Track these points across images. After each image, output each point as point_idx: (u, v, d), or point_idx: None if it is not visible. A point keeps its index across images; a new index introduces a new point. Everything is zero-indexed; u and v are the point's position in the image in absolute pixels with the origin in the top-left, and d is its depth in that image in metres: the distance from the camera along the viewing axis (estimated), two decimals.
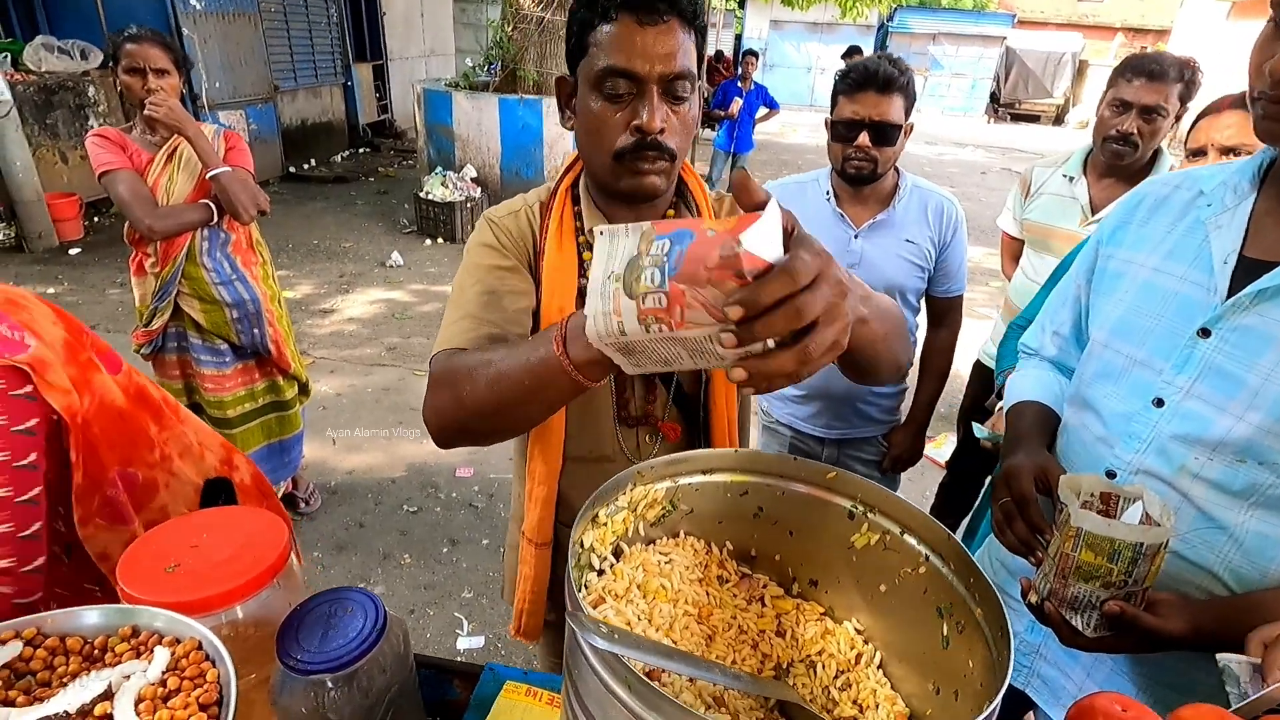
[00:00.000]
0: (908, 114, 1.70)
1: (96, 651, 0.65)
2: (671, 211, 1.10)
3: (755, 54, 7.91)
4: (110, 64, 2.11)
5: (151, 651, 0.65)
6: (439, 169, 6.90)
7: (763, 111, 7.54)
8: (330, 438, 3.57)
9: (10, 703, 0.59)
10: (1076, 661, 1.11)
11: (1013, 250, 2.31)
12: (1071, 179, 2.00)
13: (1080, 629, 0.90)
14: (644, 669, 0.58)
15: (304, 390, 2.78)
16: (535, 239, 1.08)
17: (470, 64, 7.75)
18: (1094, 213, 1.97)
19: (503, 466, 3.43)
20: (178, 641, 0.66)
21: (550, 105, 6.64)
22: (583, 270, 1.05)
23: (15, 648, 0.61)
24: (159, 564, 0.73)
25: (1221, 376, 0.91)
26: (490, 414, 0.80)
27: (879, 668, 0.68)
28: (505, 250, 1.05)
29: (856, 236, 1.79)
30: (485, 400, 0.80)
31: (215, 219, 2.29)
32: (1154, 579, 0.87)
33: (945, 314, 1.94)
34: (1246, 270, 0.91)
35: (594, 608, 0.64)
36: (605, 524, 0.67)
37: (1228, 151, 1.52)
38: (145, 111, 2.06)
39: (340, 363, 4.35)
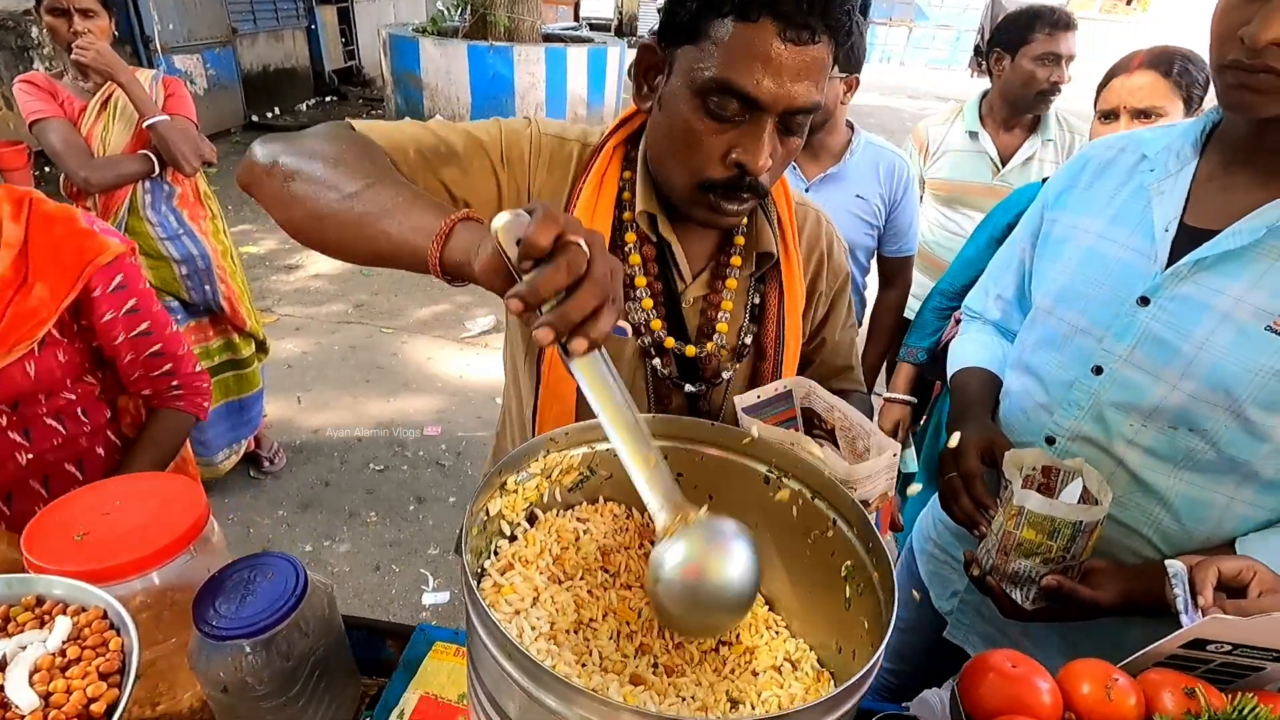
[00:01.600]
0: (852, 67, 1.67)
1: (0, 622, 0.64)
2: (745, 220, 0.95)
3: None
4: (36, 2, 1.98)
5: (51, 620, 0.64)
6: (407, 119, 6.70)
7: None
8: (296, 396, 3.53)
9: None
10: (1010, 619, 1.15)
11: None
12: (975, 134, 2.04)
13: (1020, 602, 0.94)
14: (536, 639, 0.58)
15: (262, 348, 2.73)
16: (565, 184, 0.92)
17: (441, 7, 7.44)
18: (1004, 164, 2.02)
19: (471, 425, 3.42)
20: (83, 610, 0.65)
21: (522, 52, 6.43)
22: (618, 255, 0.91)
23: None
24: (67, 532, 0.72)
25: (1158, 345, 0.92)
26: (328, 202, 0.67)
27: (786, 628, 0.70)
28: (517, 156, 0.89)
29: (807, 190, 1.80)
30: (335, 196, 0.67)
31: (157, 171, 2.20)
32: (1090, 552, 0.90)
33: (895, 274, 1.96)
34: (1187, 238, 0.90)
35: (502, 574, 0.64)
36: (515, 491, 0.67)
37: (1141, 114, 1.49)
38: (72, 56, 1.94)
39: (306, 320, 4.28)
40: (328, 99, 10.09)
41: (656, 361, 0.93)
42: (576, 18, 17.73)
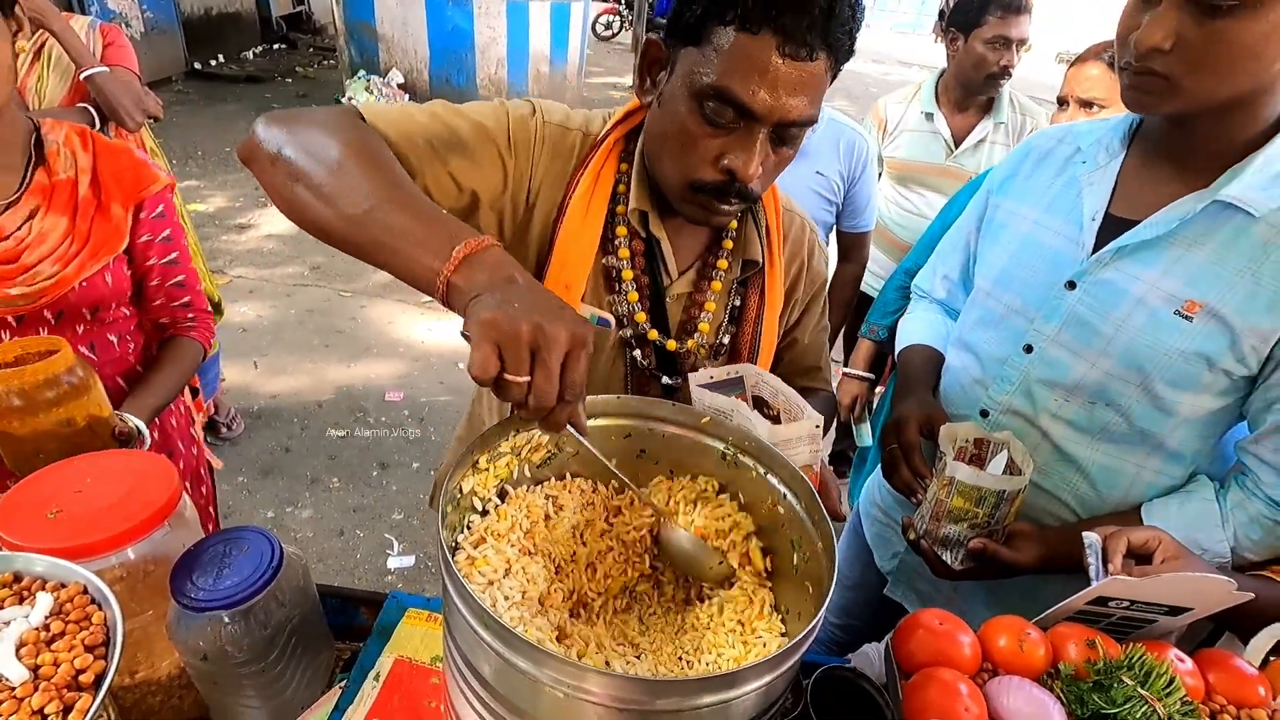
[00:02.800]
0: None
1: None
2: (734, 223, 0.98)
3: None
4: None
5: (34, 597, 0.66)
6: (362, 72, 6.46)
7: None
8: (252, 361, 3.47)
9: None
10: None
11: None
12: (930, 115, 2.09)
13: (950, 563, 1.02)
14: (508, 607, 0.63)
15: (217, 310, 2.67)
16: (565, 174, 0.92)
17: None
18: (957, 145, 2.08)
19: (434, 390, 3.42)
20: (62, 587, 0.67)
21: (483, 5, 6.22)
22: (608, 249, 0.93)
23: None
24: (40, 510, 0.73)
25: (1082, 326, 0.99)
26: (323, 210, 0.67)
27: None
28: (522, 143, 0.89)
29: None
30: (341, 193, 0.67)
31: (97, 125, 2.10)
32: (1014, 517, 0.99)
33: (852, 249, 2.01)
34: (1112, 227, 0.97)
35: (475, 547, 0.68)
36: (487, 469, 0.71)
37: (1086, 105, 1.57)
38: None
39: (260, 282, 4.17)
40: (275, 46, 9.63)
41: (637, 353, 0.97)
42: None
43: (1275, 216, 0.86)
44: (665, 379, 0.99)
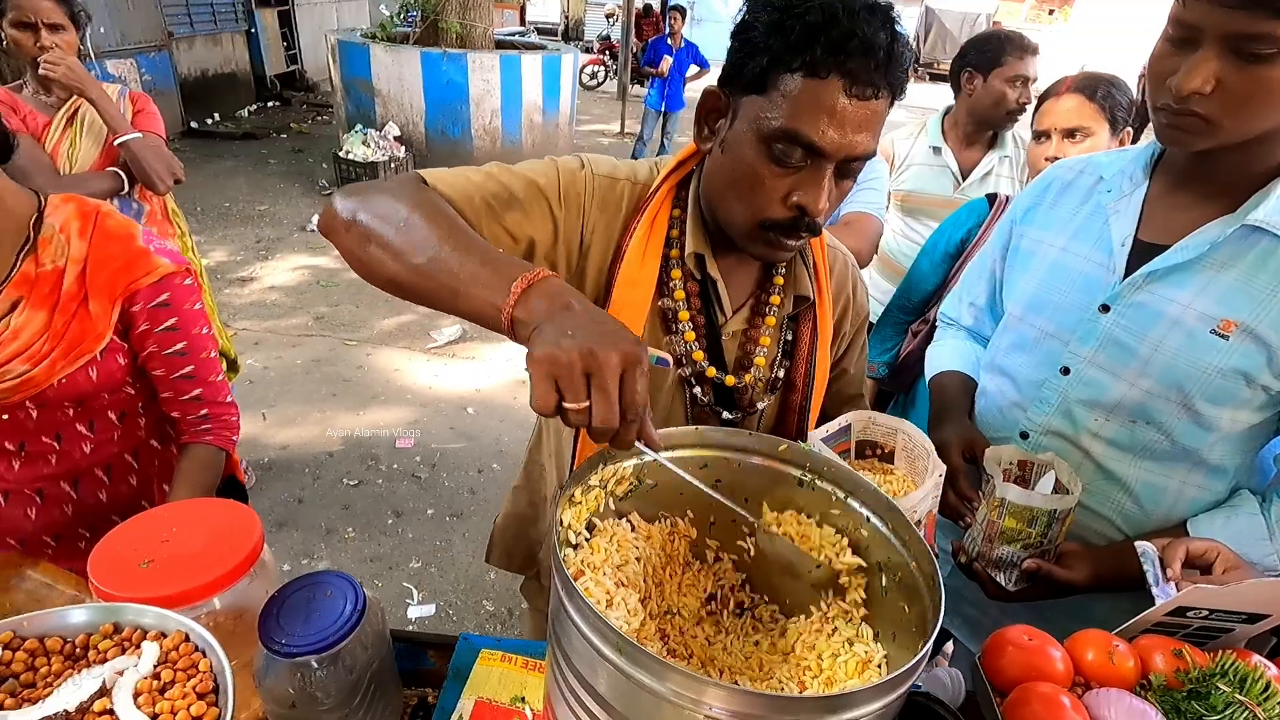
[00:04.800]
0: None
1: (79, 650, 0.66)
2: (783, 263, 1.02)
3: (682, 10, 7.82)
4: None
5: (137, 647, 0.66)
6: (359, 127, 6.58)
7: (693, 70, 7.50)
8: (260, 413, 3.45)
9: None
10: (991, 601, 1.26)
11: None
12: (938, 149, 2.18)
13: (1004, 584, 1.04)
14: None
15: (233, 367, 2.68)
16: (616, 223, 0.96)
17: (386, 12, 7.33)
18: (964, 178, 2.16)
19: (444, 435, 3.42)
20: (163, 636, 0.67)
21: (476, 60, 6.40)
22: (663, 291, 0.97)
23: None
24: (132, 560, 0.74)
25: (1119, 348, 1.03)
26: (396, 267, 0.73)
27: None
28: (570, 200, 0.94)
29: None
30: (411, 248, 0.73)
31: (126, 188, 2.14)
32: (1064, 536, 1.00)
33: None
34: (1141, 252, 1.02)
35: (575, 580, 0.69)
36: (580, 502, 0.72)
37: (1070, 134, 1.64)
38: (40, 71, 1.89)
39: (265, 334, 4.18)
40: (270, 104, 9.82)
41: (697, 390, 1.00)
42: (522, 22, 17.65)
43: None
44: (725, 414, 1.01)
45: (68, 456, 1.15)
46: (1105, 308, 1.05)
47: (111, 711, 0.58)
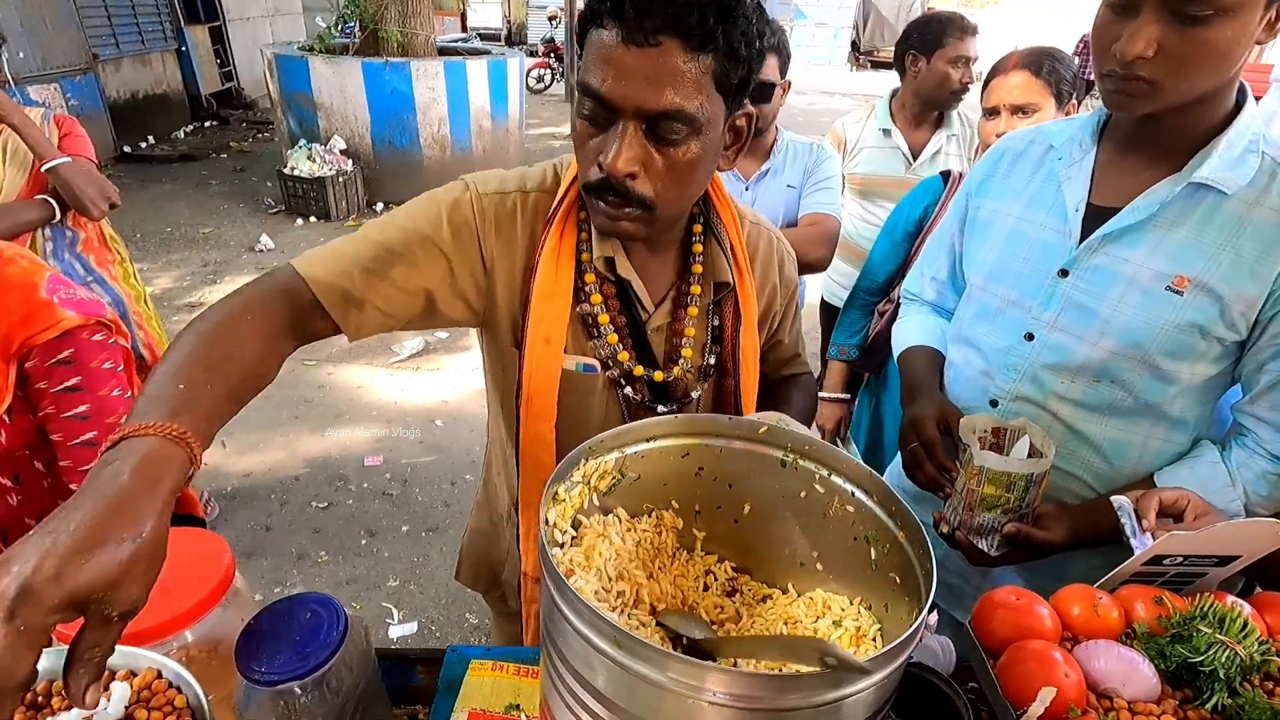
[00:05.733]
0: (783, 72, 1.79)
1: (41, 699, 0.62)
2: (699, 247, 1.00)
3: None
4: None
5: (105, 689, 0.62)
6: (302, 142, 6.41)
7: None
8: (220, 441, 3.34)
9: None
10: (972, 568, 1.28)
11: None
12: (888, 132, 2.22)
13: (986, 550, 1.05)
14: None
15: None
16: (516, 237, 0.94)
17: (322, 24, 7.16)
18: (915, 159, 2.22)
19: (413, 450, 3.35)
20: (133, 675, 0.63)
21: (420, 68, 6.30)
22: (581, 296, 0.94)
23: None
24: None
25: (1079, 310, 1.05)
26: None
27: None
28: (457, 232, 0.90)
29: (747, 189, 1.92)
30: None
31: (58, 216, 2.05)
32: (1041, 499, 1.02)
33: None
34: (1094, 215, 1.05)
35: (566, 578, 0.68)
36: (564, 500, 0.71)
37: (1018, 110, 1.68)
38: None
39: None
40: (207, 124, 9.52)
41: (628, 390, 0.99)
42: (464, 28, 17.47)
43: (1245, 193, 0.94)
44: (661, 408, 1.01)
45: None
46: (1064, 272, 1.07)
47: None
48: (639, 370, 0.97)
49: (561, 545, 0.72)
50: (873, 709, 0.57)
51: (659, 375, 0.98)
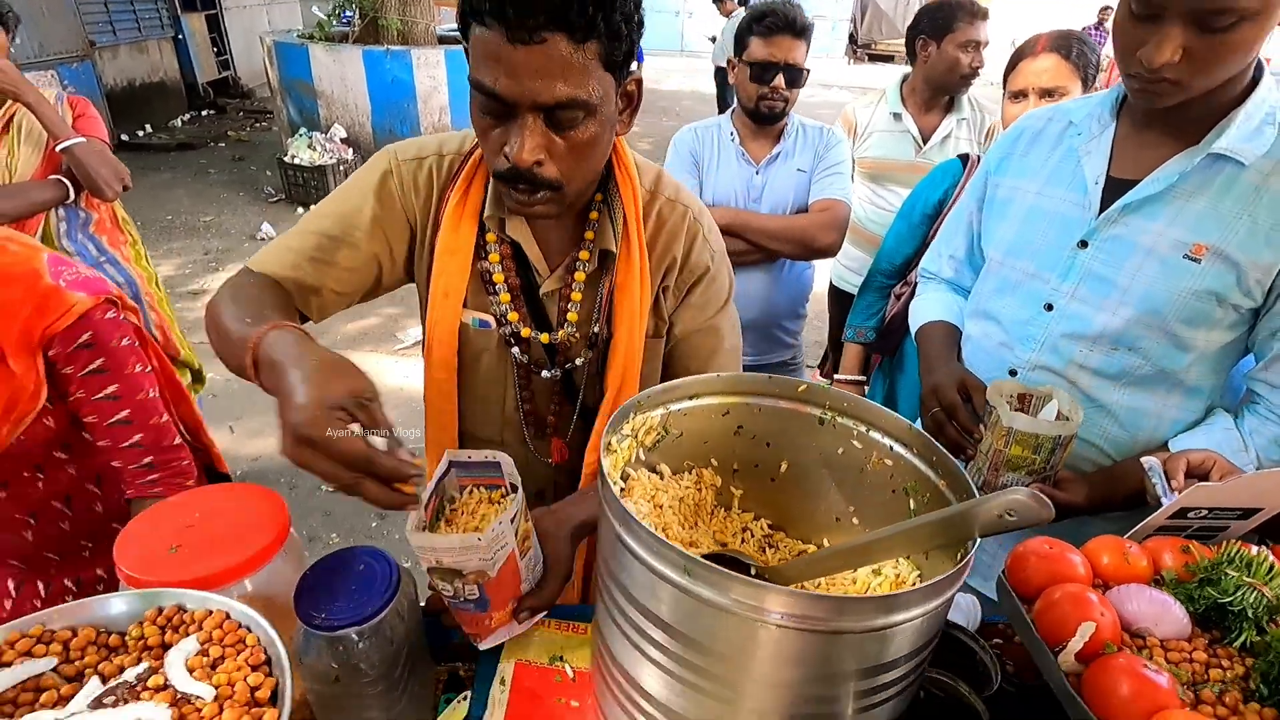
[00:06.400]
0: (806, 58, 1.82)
1: (116, 638, 0.64)
2: (595, 214, 1.00)
3: None
4: None
5: (176, 630, 0.64)
6: (303, 130, 6.39)
7: None
8: (228, 426, 3.35)
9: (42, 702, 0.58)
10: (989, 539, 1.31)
11: None
12: (898, 116, 2.24)
13: None
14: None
15: (198, 378, 2.57)
16: (432, 199, 0.99)
17: (320, 13, 7.12)
18: (924, 143, 2.22)
19: (419, 436, 3.36)
20: (207, 616, 0.66)
21: (421, 56, 6.29)
22: (480, 253, 0.99)
23: (50, 661, 0.60)
24: (160, 546, 0.72)
25: (1098, 280, 1.08)
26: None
27: None
28: (386, 199, 0.97)
29: (758, 172, 1.94)
30: (215, 347, 0.85)
31: (72, 197, 2.05)
32: (1064, 462, 1.05)
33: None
34: (1113, 188, 1.07)
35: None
36: (616, 451, 0.73)
37: (1047, 94, 1.68)
38: None
39: None
40: (204, 113, 9.46)
41: (515, 350, 1.03)
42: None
43: (1261, 163, 0.97)
44: (544, 372, 1.04)
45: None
46: (1083, 244, 1.10)
47: (168, 685, 0.57)
48: (526, 331, 1.01)
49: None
50: (918, 643, 0.60)
51: (544, 337, 1.02)
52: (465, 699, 0.85)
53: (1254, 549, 0.72)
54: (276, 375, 0.67)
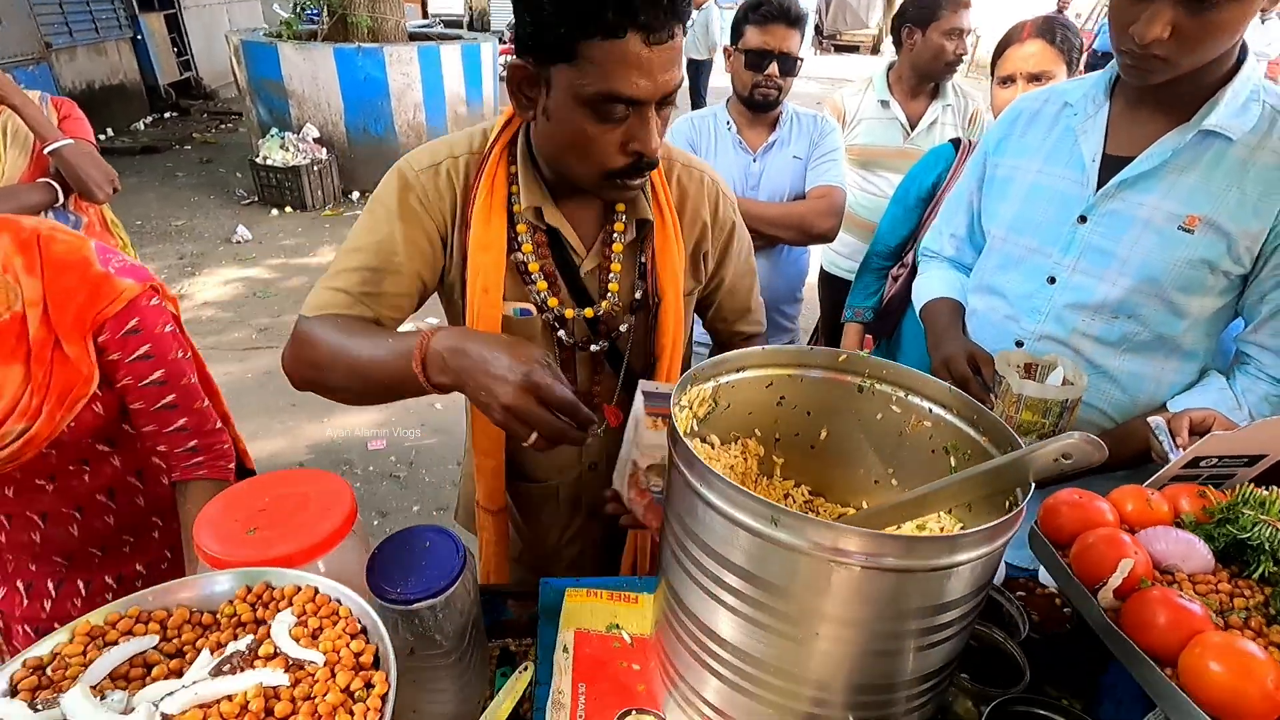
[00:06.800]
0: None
1: (209, 617, 0.66)
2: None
3: None
4: None
5: (267, 606, 0.67)
6: (274, 131, 6.28)
7: None
8: None
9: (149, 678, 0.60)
10: None
11: None
12: (886, 103, 2.30)
13: None
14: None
15: None
16: (456, 202, 1.01)
17: (281, 11, 6.97)
18: (912, 129, 2.29)
19: (416, 434, 3.37)
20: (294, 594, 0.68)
21: (394, 53, 6.22)
22: (514, 246, 1.01)
23: (152, 639, 0.62)
24: (237, 529, 0.74)
25: (1098, 253, 1.14)
26: (351, 397, 0.94)
27: None
28: (412, 215, 0.99)
29: (755, 160, 1.98)
30: (345, 385, 0.91)
31: (61, 199, 2.02)
32: (1072, 424, 1.11)
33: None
34: (1110, 165, 1.14)
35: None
36: (676, 418, 0.77)
37: (1035, 78, 1.75)
38: None
39: (208, 350, 3.97)
40: (167, 115, 9.23)
41: (561, 333, 1.06)
42: (425, 15, 17.14)
43: (1248, 138, 1.04)
44: (594, 346, 1.09)
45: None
46: (1083, 218, 1.16)
47: (279, 653, 0.60)
48: (569, 313, 1.05)
49: None
50: (974, 585, 0.65)
51: (589, 312, 1.06)
52: (526, 669, 0.88)
53: (1264, 490, 0.78)
54: (463, 356, 0.76)
